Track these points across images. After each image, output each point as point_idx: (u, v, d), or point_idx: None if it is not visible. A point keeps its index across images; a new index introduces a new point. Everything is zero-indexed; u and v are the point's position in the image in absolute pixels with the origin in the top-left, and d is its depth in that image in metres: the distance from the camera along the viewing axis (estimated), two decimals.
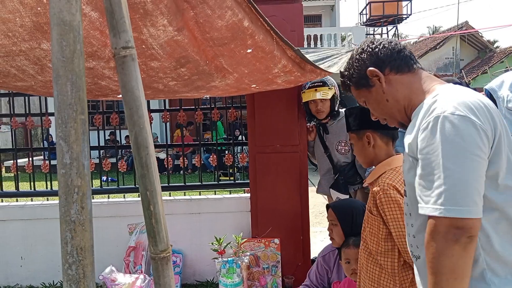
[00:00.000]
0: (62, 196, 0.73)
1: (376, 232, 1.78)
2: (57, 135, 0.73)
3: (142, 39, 1.21)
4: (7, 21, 1.05)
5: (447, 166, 1.08)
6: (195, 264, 3.83)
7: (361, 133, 1.93)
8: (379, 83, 1.35)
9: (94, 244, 2.61)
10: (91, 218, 0.75)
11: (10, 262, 3.78)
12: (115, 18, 0.82)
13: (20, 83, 1.50)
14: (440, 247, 1.07)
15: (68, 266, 0.73)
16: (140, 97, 0.87)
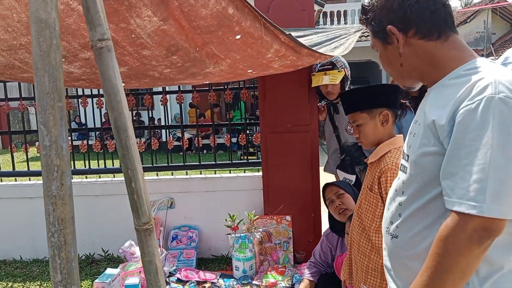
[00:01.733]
0: (44, 174, 0.84)
1: (373, 210, 1.84)
2: (38, 120, 0.84)
3: (131, 29, 1.29)
4: (6, 17, 1.16)
5: (496, 159, 0.92)
6: (210, 239, 3.98)
7: (376, 112, 1.90)
8: (397, 44, 1.17)
9: (114, 220, 2.80)
10: (70, 193, 0.86)
11: (39, 236, 4.04)
12: (91, 13, 0.91)
13: (26, 74, 1.62)
14: (461, 248, 0.95)
15: (51, 234, 0.84)
16: (117, 85, 0.96)
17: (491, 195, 0.92)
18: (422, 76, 1.20)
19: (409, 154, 1.17)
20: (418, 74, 1.20)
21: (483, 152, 0.93)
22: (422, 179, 1.11)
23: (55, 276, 0.84)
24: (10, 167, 4.45)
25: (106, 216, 4.02)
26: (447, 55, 1.13)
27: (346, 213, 2.56)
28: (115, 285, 3.02)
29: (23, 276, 3.74)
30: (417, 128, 1.16)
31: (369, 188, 1.88)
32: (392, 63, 1.23)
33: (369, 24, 1.24)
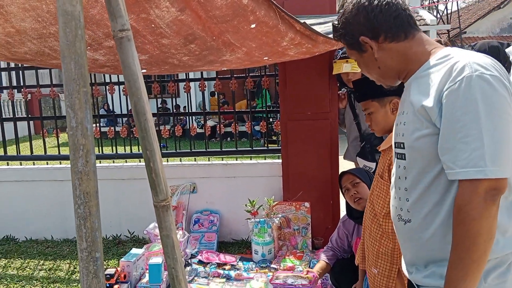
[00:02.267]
0: (71, 152, 0.93)
1: (384, 196, 1.88)
2: (65, 104, 0.93)
3: (151, 19, 1.37)
4: (36, 8, 1.25)
5: (487, 127, 1.03)
6: (231, 223, 4.10)
7: (386, 100, 1.94)
8: (371, 50, 1.30)
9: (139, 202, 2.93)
10: (94, 170, 0.95)
11: (69, 217, 4.25)
12: (112, 6, 0.99)
13: (55, 61, 1.73)
14: (481, 210, 1.04)
15: (78, 206, 0.94)
16: (136, 72, 1.04)
17: (490, 159, 1.03)
18: (398, 73, 1.33)
19: (403, 141, 1.27)
20: (395, 72, 1.33)
21: (474, 124, 1.04)
22: (422, 161, 1.20)
23: (81, 244, 0.94)
24: (42, 151, 4.67)
25: (132, 199, 4.18)
26: (417, 51, 1.27)
27: (360, 202, 2.61)
28: (139, 264, 3.17)
29: (54, 254, 3.95)
30: (405, 117, 1.26)
31: (380, 175, 1.92)
32: (370, 68, 1.36)
33: (343, 39, 1.36)
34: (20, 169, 4.47)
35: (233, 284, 3.11)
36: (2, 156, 4.65)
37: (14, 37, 1.49)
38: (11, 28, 1.40)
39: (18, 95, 5.00)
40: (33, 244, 4.23)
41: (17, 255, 3.95)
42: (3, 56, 1.78)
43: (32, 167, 4.49)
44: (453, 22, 20.27)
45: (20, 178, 4.37)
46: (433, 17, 15.73)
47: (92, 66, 2.00)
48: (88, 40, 1.55)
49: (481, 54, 1.15)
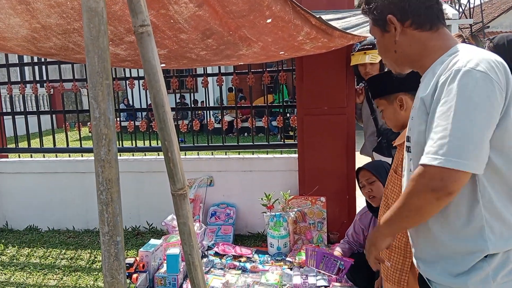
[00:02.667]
0: (94, 141, 0.99)
1: (398, 191, 1.90)
2: (89, 96, 0.98)
3: (170, 15, 1.41)
4: (61, 4, 1.31)
5: (458, 119, 1.06)
6: (247, 217, 4.15)
7: (392, 97, 1.97)
8: (394, 32, 1.30)
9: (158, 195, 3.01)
10: (116, 158, 1.00)
11: (90, 208, 4.37)
12: (133, 2, 1.04)
13: (78, 55, 1.80)
14: (418, 189, 1.12)
15: (100, 192, 0.99)
16: (156, 66, 1.09)
17: (451, 149, 1.06)
18: (412, 63, 1.34)
19: (410, 135, 1.31)
20: (409, 61, 1.33)
21: (446, 115, 1.08)
22: None
23: (103, 228, 1.00)
24: (64, 144, 4.80)
25: (151, 191, 4.27)
26: (435, 45, 1.28)
27: (374, 200, 2.63)
28: (157, 254, 3.25)
29: (75, 244, 4.08)
30: (413, 111, 1.29)
31: (394, 170, 1.94)
32: (387, 50, 1.36)
33: (370, 13, 1.35)
34: (43, 161, 4.61)
35: (249, 276, 3.16)
36: (26, 149, 4.80)
37: (40, 32, 1.56)
38: (37, 24, 1.47)
39: (42, 90, 5.14)
40: (56, 234, 4.37)
41: (40, 245, 4.08)
42: (29, 51, 1.86)
43: (55, 159, 4.63)
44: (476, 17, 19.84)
45: (43, 170, 4.51)
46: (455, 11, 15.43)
47: (113, 60, 2.07)
48: (110, 35, 1.61)
49: (489, 53, 1.16)
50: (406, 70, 1.40)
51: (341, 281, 3.07)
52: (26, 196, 4.52)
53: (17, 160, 4.73)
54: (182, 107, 4.83)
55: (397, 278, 1.92)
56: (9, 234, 4.41)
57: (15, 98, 11.02)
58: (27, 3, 1.32)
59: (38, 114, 4.66)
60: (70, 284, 3.27)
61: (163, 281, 3.08)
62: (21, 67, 4.74)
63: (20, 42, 1.69)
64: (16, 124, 4.71)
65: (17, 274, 3.46)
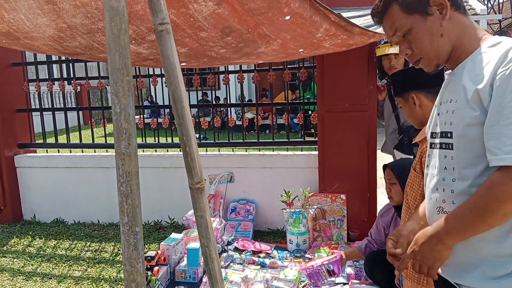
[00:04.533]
0: (115, 135, 1.03)
1: (416, 188, 1.89)
2: (111, 91, 1.02)
3: (190, 13, 1.45)
4: (86, 5, 1.36)
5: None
6: (267, 213, 4.17)
7: (406, 95, 1.98)
8: (439, 14, 1.19)
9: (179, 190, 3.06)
10: (135, 152, 1.04)
11: (115, 202, 4.48)
12: (153, 1, 1.07)
13: (102, 54, 1.86)
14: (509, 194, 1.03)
15: (120, 184, 1.03)
16: (174, 63, 1.12)
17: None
18: (454, 50, 1.23)
19: (451, 130, 1.20)
20: (450, 47, 1.22)
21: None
22: (474, 150, 1.14)
23: (123, 219, 1.04)
24: (90, 140, 4.94)
25: (173, 187, 4.35)
26: (471, 33, 1.22)
27: (391, 200, 2.61)
28: (178, 248, 3.31)
29: (100, 237, 4.19)
30: (453, 105, 1.20)
31: (413, 168, 1.93)
32: (433, 36, 1.21)
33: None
34: (69, 156, 4.75)
35: (268, 272, 3.19)
36: (53, 144, 4.95)
37: (66, 32, 1.62)
38: (63, 23, 1.53)
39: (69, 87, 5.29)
40: (81, 226, 4.50)
41: (65, 237, 4.22)
42: (56, 50, 1.93)
43: (81, 155, 4.76)
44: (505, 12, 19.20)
45: (70, 164, 4.65)
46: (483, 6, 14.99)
47: (136, 59, 2.13)
48: (132, 34, 1.66)
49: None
50: (442, 61, 1.26)
51: (361, 278, 3.06)
52: (53, 190, 4.67)
53: (45, 155, 4.89)
54: (204, 104, 4.88)
55: (416, 276, 1.92)
56: (37, 227, 4.57)
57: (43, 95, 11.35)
58: (53, 3, 1.38)
59: (65, 111, 4.80)
60: (94, 275, 3.37)
61: (183, 274, 3.14)
62: (49, 65, 4.89)
63: (47, 42, 1.76)
64: (44, 120, 4.86)
65: (44, 265, 3.59)
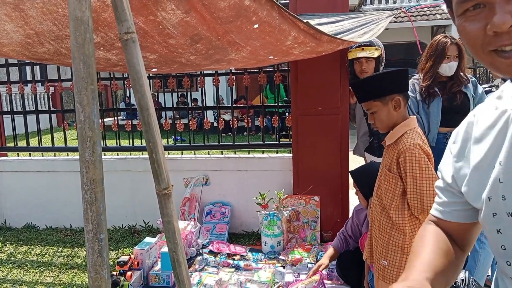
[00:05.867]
0: (80, 143, 1.04)
1: (393, 189, 1.95)
2: (75, 100, 1.03)
3: (158, 21, 1.47)
4: (53, 12, 1.36)
5: None
6: (242, 215, 4.20)
7: (387, 98, 1.99)
8: None
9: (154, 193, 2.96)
10: (100, 159, 1.05)
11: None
12: (118, 11, 1.09)
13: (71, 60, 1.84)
14: None
15: (85, 192, 1.05)
16: (140, 71, 1.14)
17: None
18: None
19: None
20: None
21: None
22: None
23: (87, 226, 1.05)
24: (63, 143, 4.86)
25: (147, 190, 4.32)
26: None
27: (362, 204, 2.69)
28: (152, 253, 3.31)
29: (72, 242, 4.13)
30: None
31: (387, 169, 1.99)
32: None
33: None
34: (41, 160, 4.67)
35: (242, 274, 3.21)
36: (25, 147, 4.86)
37: (34, 38, 1.61)
38: (30, 30, 1.52)
39: (41, 89, 5.19)
40: (53, 232, 4.43)
41: (37, 242, 4.14)
42: (24, 56, 1.91)
43: (53, 158, 4.68)
44: None
45: (42, 168, 4.57)
46: None
47: (105, 65, 2.12)
48: (100, 41, 1.66)
49: None
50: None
51: (332, 278, 3.12)
52: (25, 195, 4.58)
53: (16, 159, 4.79)
54: (179, 107, 4.88)
55: (395, 275, 1.97)
56: (7, 232, 4.48)
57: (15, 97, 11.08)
58: (21, 10, 1.38)
59: (37, 113, 4.71)
60: (66, 281, 3.33)
61: (157, 278, 3.14)
62: (20, 67, 4.79)
63: (15, 48, 1.74)
64: (15, 123, 4.76)
65: (14, 272, 3.52)
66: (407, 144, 1.90)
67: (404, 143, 1.92)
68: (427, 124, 2.97)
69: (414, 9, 14.30)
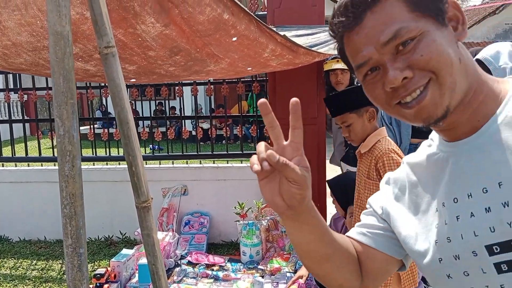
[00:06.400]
0: (59, 157, 1.03)
1: None
2: (55, 114, 1.03)
3: (138, 33, 1.48)
4: (31, 23, 1.36)
5: None
6: (221, 225, 4.19)
7: (362, 110, 2.05)
8: (453, 31, 0.74)
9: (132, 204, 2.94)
10: (80, 173, 1.05)
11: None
12: (98, 25, 1.10)
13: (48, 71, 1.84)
14: None
15: (64, 206, 1.04)
16: (120, 84, 1.15)
17: None
18: (468, 91, 0.75)
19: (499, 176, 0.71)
20: (467, 86, 0.75)
21: None
22: None
23: (67, 240, 1.04)
24: (37, 153, 4.76)
25: (125, 201, 4.26)
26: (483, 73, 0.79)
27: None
28: (129, 264, 3.26)
29: (46, 255, 4.04)
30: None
31: (366, 177, 2.03)
32: (453, 53, 0.72)
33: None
34: (15, 171, 4.55)
35: (221, 285, 3.20)
36: None
37: (11, 49, 1.60)
38: (7, 41, 1.50)
39: (14, 96, 5.07)
40: (27, 244, 4.31)
41: (10, 255, 4.03)
42: (0, 66, 1.88)
43: (27, 169, 4.58)
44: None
45: (15, 179, 4.45)
46: None
47: (83, 75, 2.11)
48: (79, 52, 1.66)
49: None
50: (454, 103, 0.74)
51: (311, 287, 3.14)
52: None
53: None
54: (157, 116, 4.85)
55: None
56: None
57: None
58: None
59: (10, 122, 4.60)
60: None
61: None
62: None
63: None
64: None
65: None
66: (383, 150, 1.95)
67: (379, 149, 1.97)
68: (398, 136, 3.05)
69: None
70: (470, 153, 0.75)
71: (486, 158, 0.73)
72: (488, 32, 20.54)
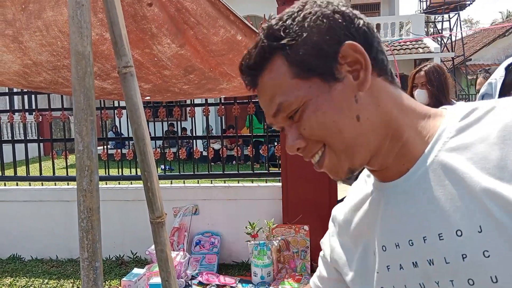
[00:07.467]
0: (78, 172, 1.06)
1: None
2: (74, 130, 1.06)
3: (154, 53, 1.53)
4: (52, 44, 1.41)
5: None
6: (232, 246, 4.17)
7: None
8: (353, 80, 0.67)
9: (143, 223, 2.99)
10: (97, 188, 1.08)
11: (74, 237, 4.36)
12: (118, 46, 1.14)
13: (67, 89, 1.90)
14: None
15: (81, 220, 1.06)
16: (137, 102, 1.18)
17: None
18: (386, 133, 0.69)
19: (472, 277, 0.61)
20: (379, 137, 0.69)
21: None
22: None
23: (83, 254, 1.06)
24: (50, 172, 4.83)
25: (136, 220, 4.29)
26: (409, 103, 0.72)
27: None
28: (140, 284, 3.25)
29: (58, 274, 4.04)
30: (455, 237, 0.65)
31: None
32: (343, 116, 0.67)
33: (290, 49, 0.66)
34: (29, 190, 4.62)
35: None
36: (12, 177, 4.81)
37: (31, 68, 1.66)
38: (28, 60, 1.57)
39: (30, 117, 5.18)
40: (38, 263, 4.33)
41: (22, 274, 4.04)
42: (20, 84, 1.95)
43: (41, 188, 4.64)
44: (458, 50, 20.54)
45: (29, 198, 4.51)
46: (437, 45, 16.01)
47: (100, 93, 2.18)
48: (97, 71, 1.71)
49: None
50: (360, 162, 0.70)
51: None
52: (10, 225, 4.50)
53: (2, 188, 4.73)
54: (169, 136, 4.91)
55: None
56: None
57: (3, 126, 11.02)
58: (19, 42, 1.42)
59: (26, 143, 4.69)
60: None
61: None
62: (10, 96, 4.81)
63: (12, 76, 1.78)
64: (3, 152, 4.73)
65: None
66: None
67: None
68: None
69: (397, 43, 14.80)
70: (398, 198, 0.70)
71: (413, 206, 0.67)
72: (498, 53, 20.55)
